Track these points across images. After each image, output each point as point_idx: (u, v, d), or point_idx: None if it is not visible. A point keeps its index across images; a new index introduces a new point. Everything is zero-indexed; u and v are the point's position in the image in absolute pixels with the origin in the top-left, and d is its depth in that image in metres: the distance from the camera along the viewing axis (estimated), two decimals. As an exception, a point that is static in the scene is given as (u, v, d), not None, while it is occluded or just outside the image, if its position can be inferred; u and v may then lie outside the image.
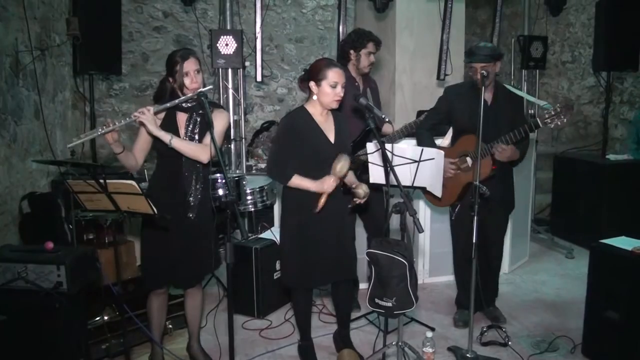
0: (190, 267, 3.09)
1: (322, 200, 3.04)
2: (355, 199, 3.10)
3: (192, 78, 2.94)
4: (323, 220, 3.11)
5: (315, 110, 3.13)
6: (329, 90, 3.02)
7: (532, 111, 5.92)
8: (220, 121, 3.00)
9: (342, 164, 3.02)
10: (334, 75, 3.01)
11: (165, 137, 2.86)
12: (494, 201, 3.49)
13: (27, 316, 2.81)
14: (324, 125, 3.14)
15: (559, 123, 3.34)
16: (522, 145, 3.61)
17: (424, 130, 3.81)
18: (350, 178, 3.20)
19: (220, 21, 5.15)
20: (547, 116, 3.35)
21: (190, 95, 2.89)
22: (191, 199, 3.02)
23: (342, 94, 3.06)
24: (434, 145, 3.64)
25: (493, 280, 4.03)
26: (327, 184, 3.03)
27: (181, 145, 2.91)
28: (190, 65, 2.93)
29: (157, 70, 5.96)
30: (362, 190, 3.08)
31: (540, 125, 3.40)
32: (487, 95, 3.55)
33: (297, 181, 3.08)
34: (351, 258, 3.30)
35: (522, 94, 3.66)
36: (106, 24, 4.71)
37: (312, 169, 3.09)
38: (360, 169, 3.64)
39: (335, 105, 3.08)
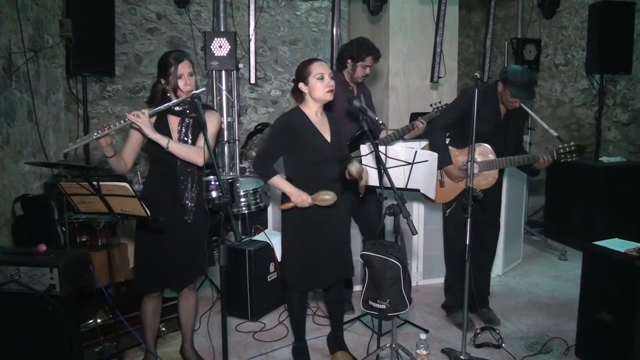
0: (184, 269, 3.07)
1: (289, 206, 3.06)
2: (361, 185, 3.06)
3: (185, 80, 2.92)
4: (325, 221, 3.12)
5: (310, 110, 3.13)
6: (318, 83, 3.03)
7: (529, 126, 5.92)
8: (212, 123, 2.99)
9: (327, 198, 3.00)
10: (317, 67, 3.04)
11: (162, 140, 2.84)
12: (489, 201, 3.53)
13: (19, 319, 2.81)
14: (320, 126, 3.13)
15: (569, 159, 3.48)
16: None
17: (440, 132, 3.69)
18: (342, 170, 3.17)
19: (213, 23, 5.15)
20: (562, 152, 3.46)
21: (183, 97, 2.88)
22: (188, 202, 3.01)
23: (332, 84, 3.05)
24: (447, 154, 3.62)
25: (487, 281, 4.06)
26: (301, 199, 3.02)
27: (178, 148, 2.89)
28: (184, 68, 2.91)
29: (150, 72, 5.94)
30: (354, 168, 3.07)
31: (556, 159, 3.50)
32: (502, 108, 3.65)
33: (277, 181, 3.09)
34: (350, 255, 3.30)
35: (537, 117, 3.76)
36: (99, 25, 4.70)
37: (309, 168, 3.08)
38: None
39: (330, 97, 3.07)
